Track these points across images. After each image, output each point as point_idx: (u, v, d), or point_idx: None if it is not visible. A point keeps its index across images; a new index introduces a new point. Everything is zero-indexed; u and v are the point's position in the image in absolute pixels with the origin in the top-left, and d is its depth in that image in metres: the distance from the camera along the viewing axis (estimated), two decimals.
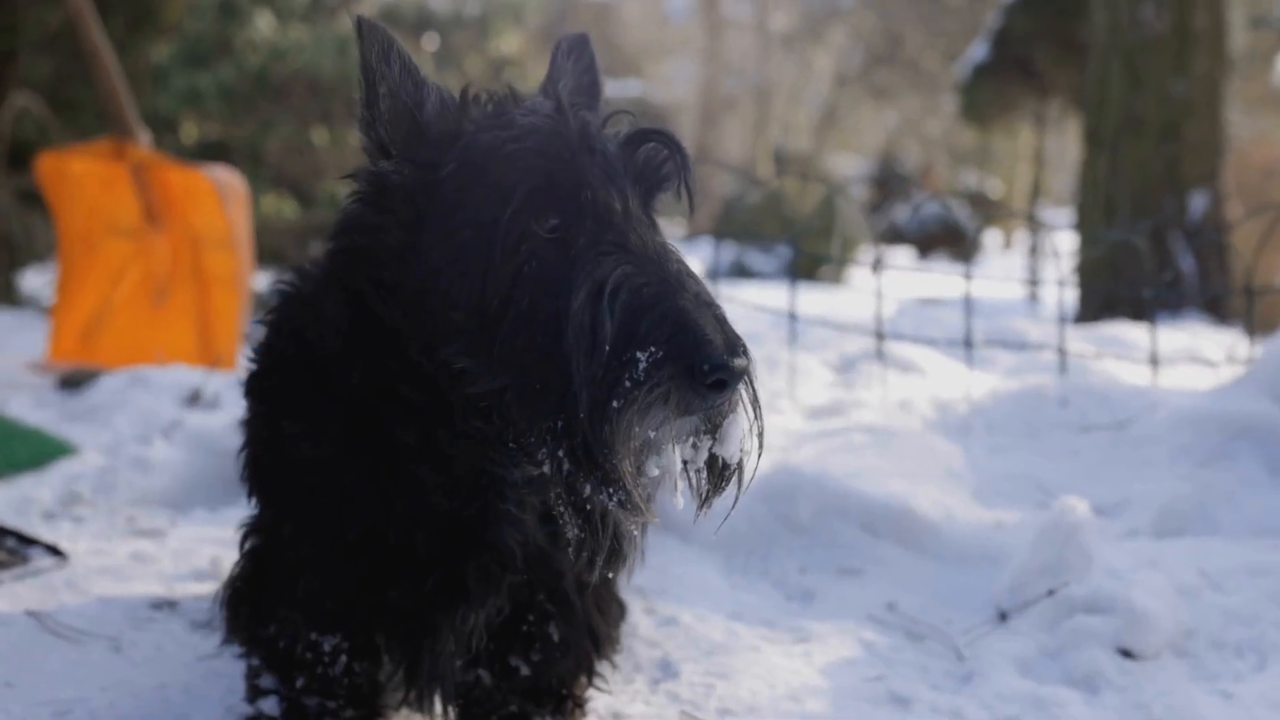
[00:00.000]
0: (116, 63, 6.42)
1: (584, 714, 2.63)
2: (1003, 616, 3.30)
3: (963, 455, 4.00)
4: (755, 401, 1.99)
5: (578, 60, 2.39)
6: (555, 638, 2.51)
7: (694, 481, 2.00)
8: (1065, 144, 26.91)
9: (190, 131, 14.11)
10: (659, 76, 34.02)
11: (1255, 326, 4.56)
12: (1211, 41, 9.61)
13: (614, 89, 24.63)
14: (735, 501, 2.07)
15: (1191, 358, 4.93)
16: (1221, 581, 3.36)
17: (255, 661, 2.54)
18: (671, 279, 1.93)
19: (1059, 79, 20.56)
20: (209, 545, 3.71)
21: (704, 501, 2.02)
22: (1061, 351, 4.64)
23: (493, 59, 15.40)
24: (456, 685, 2.45)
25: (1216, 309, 8.88)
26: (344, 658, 2.45)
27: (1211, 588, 3.32)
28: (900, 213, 26.00)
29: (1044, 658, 3.08)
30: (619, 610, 2.66)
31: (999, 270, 22.36)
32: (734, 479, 2.02)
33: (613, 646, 2.62)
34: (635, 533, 2.08)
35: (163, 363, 5.84)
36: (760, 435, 2.02)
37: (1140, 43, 9.52)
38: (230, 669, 2.83)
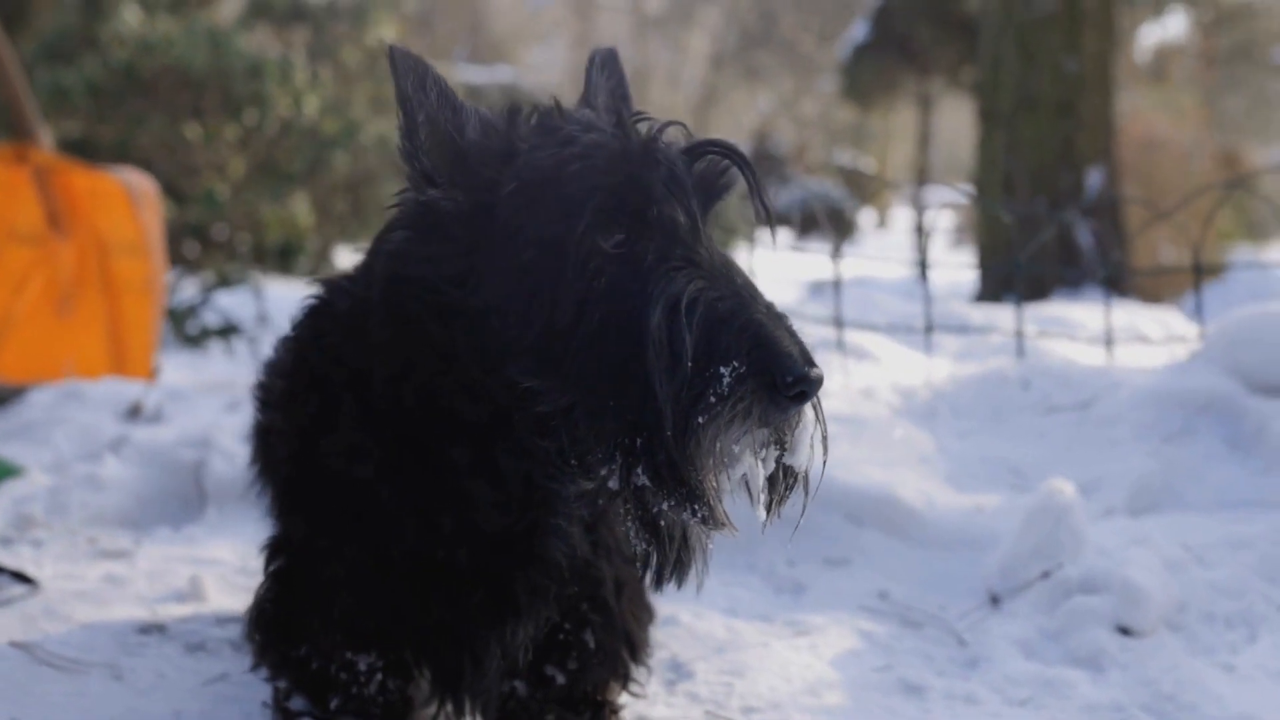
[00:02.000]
0: (17, 62, 6.20)
1: (619, 719, 2.61)
2: (995, 600, 3.34)
3: (933, 441, 4.04)
4: (819, 410, 1.99)
5: (610, 74, 2.38)
6: (591, 645, 2.51)
7: (765, 491, 2.00)
8: (942, 122, 27.41)
9: (53, 129, 13.74)
10: (531, 62, 33.96)
11: (1201, 306, 4.66)
12: (1100, 20, 9.83)
13: (483, 76, 24.46)
14: (804, 509, 2.07)
15: (1136, 336, 5.03)
16: (1205, 555, 3.43)
17: (283, 684, 2.48)
18: (743, 292, 1.95)
19: (939, 57, 20.98)
20: (182, 565, 3.61)
21: (773, 510, 2.03)
22: (1019, 334, 4.71)
23: (370, 49, 15.21)
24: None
25: (1116, 284, 9.08)
26: (379, 676, 2.40)
27: (1197, 562, 3.39)
28: (778, 194, 26.33)
29: (1045, 639, 3.13)
30: (649, 614, 2.66)
31: (877, 249, 22.64)
32: (802, 486, 2.03)
33: (647, 650, 2.62)
34: (709, 544, 2.07)
35: (73, 375, 5.67)
36: (825, 442, 2.03)
37: (1032, 22, 9.70)
38: (242, 694, 2.75)
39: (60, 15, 13.86)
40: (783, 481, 2.01)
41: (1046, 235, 7.20)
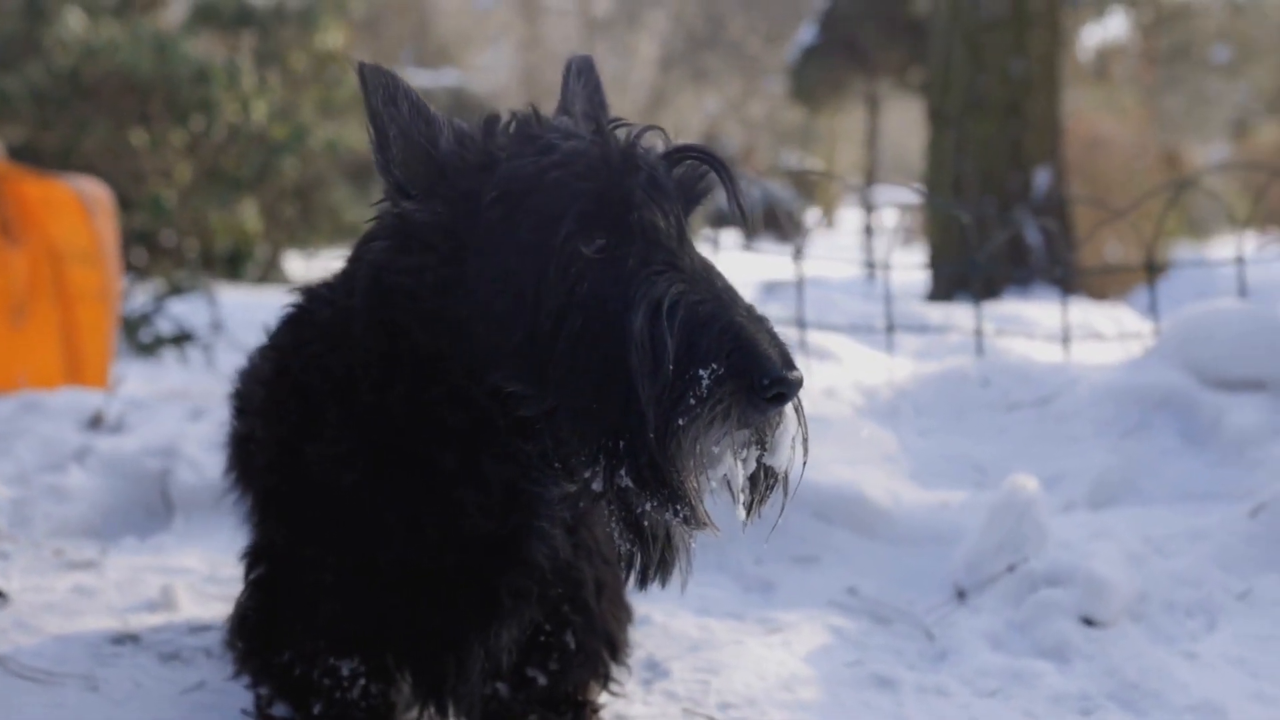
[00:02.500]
0: None
1: (599, 719, 2.63)
2: (961, 595, 3.39)
3: (896, 439, 4.09)
4: (800, 411, 2.02)
5: (586, 81, 2.40)
6: (572, 646, 2.54)
7: (746, 491, 2.03)
8: (888, 122, 27.57)
9: None
10: (477, 65, 33.88)
11: (1155, 303, 4.73)
12: (1047, 22, 9.96)
13: (430, 80, 24.40)
14: (782, 509, 2.09)
15: (1090, 333, 5.10)
16: (1165, 547, 3.51)
17: (265, 691, 2.49)
18: (723, 295, 1.97)
19: (887, 58, 21.10)
20: (152, 574, 3.60)
21: (753, 510, 2.05)
22: (979, 333, 4.77)
23: (317, 53, 15.14)
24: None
25: (1064, 282, 9.18)
26: (362, 680, 2.42)
27: (1157, 553, 3.46)
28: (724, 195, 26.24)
29: (1012, 631, 3.18)
30: (628, 614, 2.68)
31: (825, 249, 22.75)
32: (782, 487, 2.06)
33: (626, 650, 2.65)
34: (691, 544, 2.09)
35: (27, 386, 5.63)
36: (805, 443, 2.05)
37: (981, 24, 9.80)
38: (220, 701, 2.75)
39: (2, 21, 13.72)
40: (763, 481, 2.03)
41: (1004, 236, 7.30)
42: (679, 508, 1.92)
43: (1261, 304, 4.34)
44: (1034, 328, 5.52)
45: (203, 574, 3.62)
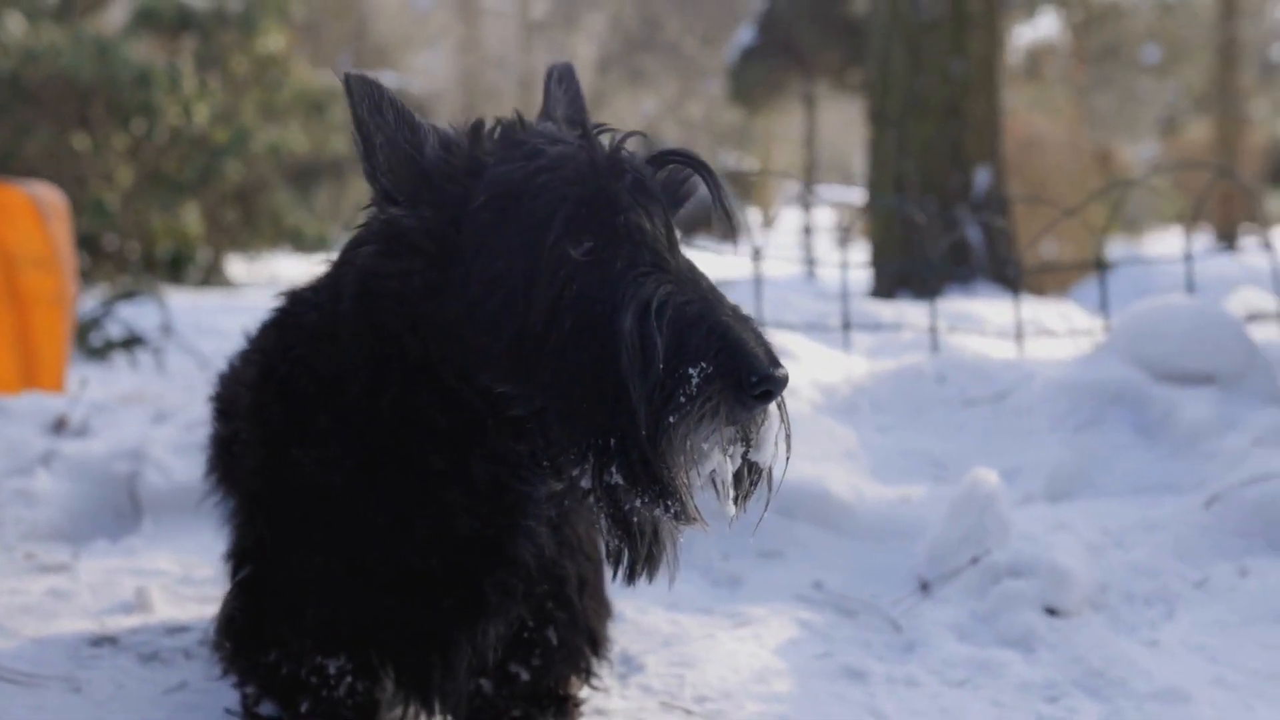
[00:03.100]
0: None
1: (580, 714, 2.68)
2: (925, 587, 3.46)
3: (856, 436, 4.15)
4: (783, 408, 2.07)
5: (567, 87, 2.45)
6: (554, 641, 2.57)
7: (732, 486, 2.08)
8: (824, 123, 27.72)
9: None
10: (416, 68, 33.76)
11: (1105, 299, 4.83)
12: (985, 23, 10.08)
13: None
14: (767, 504, 2.15)
15: (1040, 330, 5.20)
16: (1122, 538, 3.60)
17: (252, 690, 2.51)
18: (709, 295, 2.01)
19: (825, 59, 21.24)
20: (125, 577, 3.61)
21: (740, 505, 2.10)
22: (933, 330, 4.85)
23: (258, 57, 15.06)
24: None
25: (1004, 279, 9.30)
26: (349, 678, 2.44)
27: (1115, 545, 3.55)
28: None
29: (977, 622, 3.24)
30: (608, 610, 2.72)
31: (767, 248, 22.80)
32: (765, 482, 2.11)
33: (607, 645, 2.69)
34: (679, 539, 2.13)
35: None
36: (789, 439, 2.10)
37: (920, 25, 9.91)
38: (203, 701, 2.78)
39: None
40: (748, 477, 2.08)
41: (953, 235, 7.41)
42: (670, 503, 1.97)
43: (1209, 299, 4.44)
44: (984, 325, 5.61)
45: (176, 576, 3.64)
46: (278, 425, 2.36)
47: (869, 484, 3.90)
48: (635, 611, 3.31)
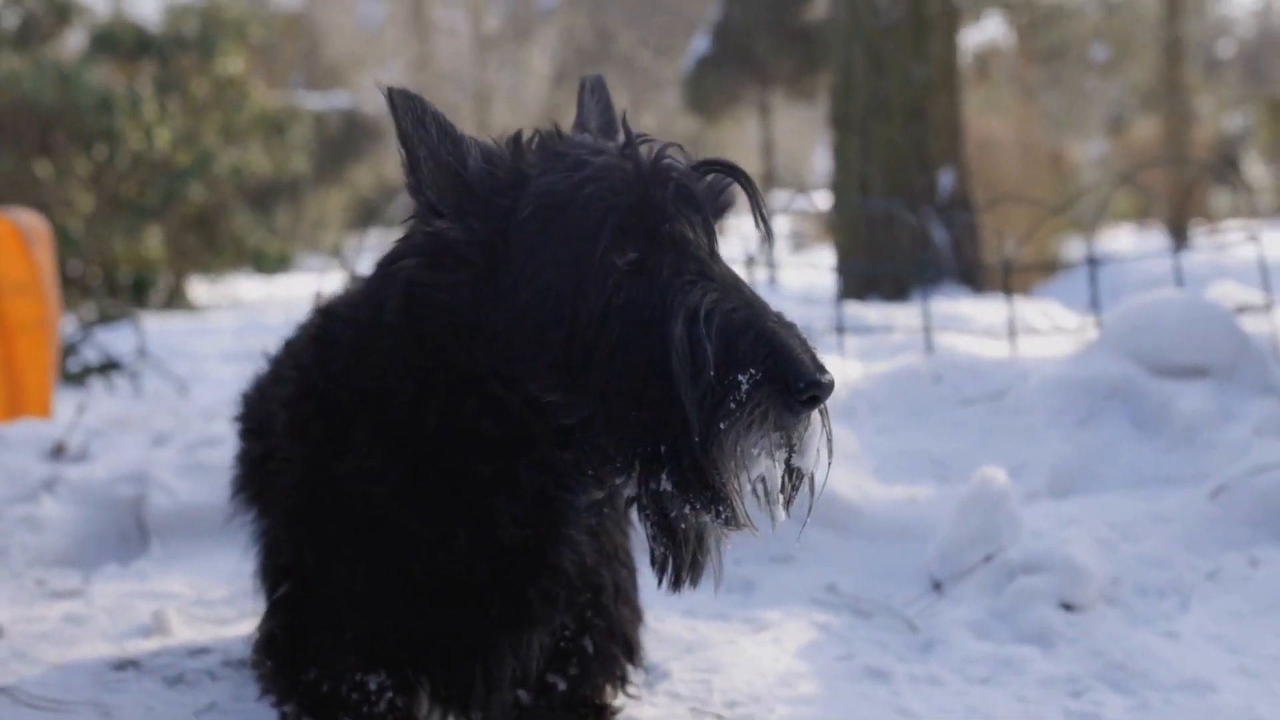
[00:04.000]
0: None
1: None
2: (937, 586, 3.48)
3: (856, 438, 4.17)
4: (825, 414, 2.09)
5: (599, 99, 2.48)
6: (590, 650, 2.58)
7: (777, 492, 2.10)
8: (780, 131, 27.84)
9: None
10: (369, 87, 33.49)
11: (1097, 296, 4.89)
12: (945, 26, 10.16)
13: (321, 102, 24.21)
14: (810, 509, 2.17)
15: (1026, 328, 5.25)
16: (1130, 531, 3.64)
17: (291, 708, 2.50)
18: (754, 303, 2.05)
19: (780, 67, 21.34)
20: (140, 600, 3.60)
21: (784, 509, 2.12)
22: (926, 330, 4.89)
23: (218, 79, 14.99)
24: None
25: (972, 280, 9.37)
26: (389, 694, 2.45)
27: (1124, 538, 3.59)
28: None
29: (994, 619, 3.26)
30: (640, 616, 2.74)
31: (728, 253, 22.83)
32: (810, 486, 2.13)
33: (641, 652, 2.70)
34: (724, 545, 2.16)
35: None
36: (830, 444, 2.12)
37: (880, 29, 9.97)
38: None
39: None
40: (790, 483, 2.10)
41: (951, 233, 7.46)
42: (721, 509, 2.00)
43: (1199, 293, 4.51)
44: (970, 324, 5.66)
45: (190, 598, 3.63)
46: (318, 440, 2.36)
47: (874, 485, 3.93)
48: (654, 619, 3.31)
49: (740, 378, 1.95)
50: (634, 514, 2.16)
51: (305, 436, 2.39)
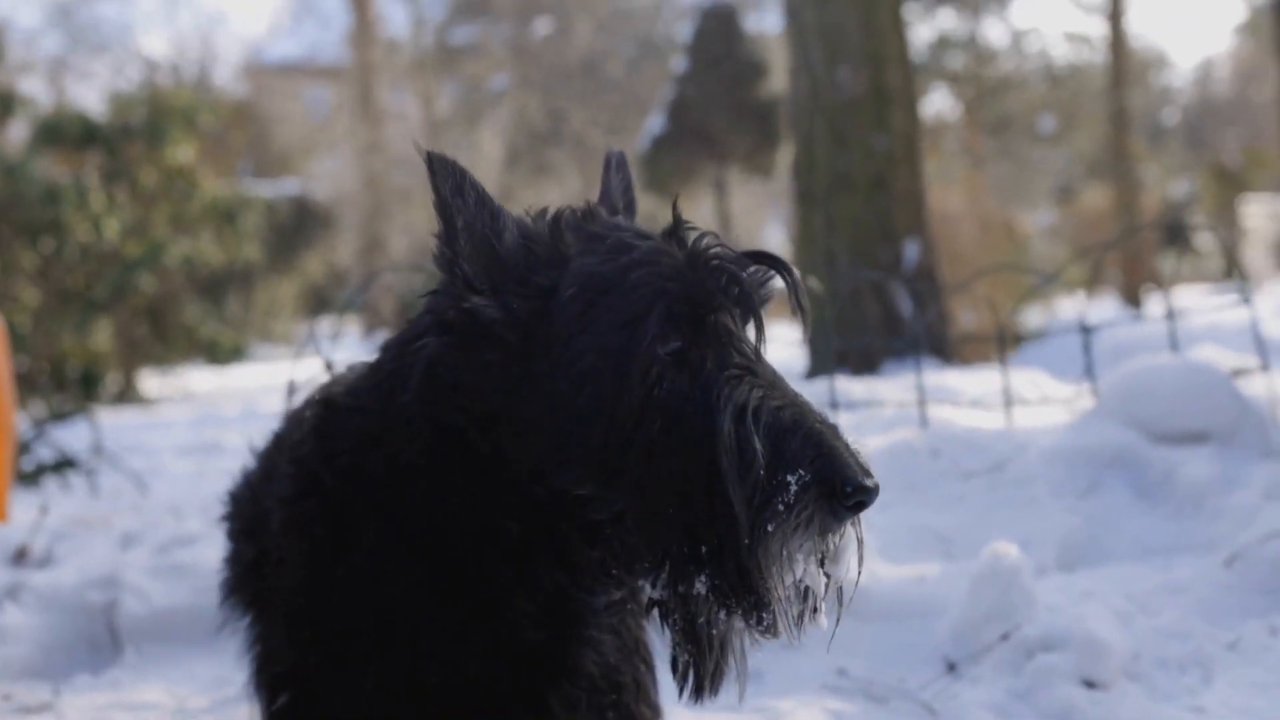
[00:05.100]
0: None
1: None
2: (952, 667, 3.38)
3: None
4: (858, 521, 2.01)
5: (622, 176, 2.40)
6: None
7: (816, 597, 2.01)
8: (734, 207, 28.02)
9: None
10: (318, 172, 33.66)
11: (1091, 364, 4.82)
12: (905, 99, 10.18)
13: (271, 190, 24.17)
14: (839, 617, 2.07)
15: (1017, 398, 5.17)
16: (1147, 604, 3.54)
17: None
18: (799, 400, 1.97)
19: (736, 144, 21.47)
20: (116, 712, 3.41)
21: (814, 618, 2.02)
22: (921, 404, 4.80)
23: (167, 168, 14.87)
24: None
25: (941, 351, 9.32)
26: None
27: (1141, 611, 3.49)
28: None
29: (1015, 700, 3.16)
30: (659, 713, 2.61)
31: None
32: (843, 594, 2.05)
33: None
34: (750, 651, 2.06)
35: None
36: (862, 550, 2.04)
37: (841, 103, 9.98)
38: None
39: None
40: (827, 588, 2.01)
41: (933, 309, 7.39)
42: (763, 615, 1.91)
43: (1196, 358, 4.45)
44: (959, 395, 5.58)
45: (170, 708, 3.45)
46: (322, 540, 2.23)
47: (880, 564, 3.82)
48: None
49: (789, 478, 1.87)
50: (654, 616, 2.05)
51: (307, 536, 2.26)
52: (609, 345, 1.96)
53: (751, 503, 1.87)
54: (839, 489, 1.86)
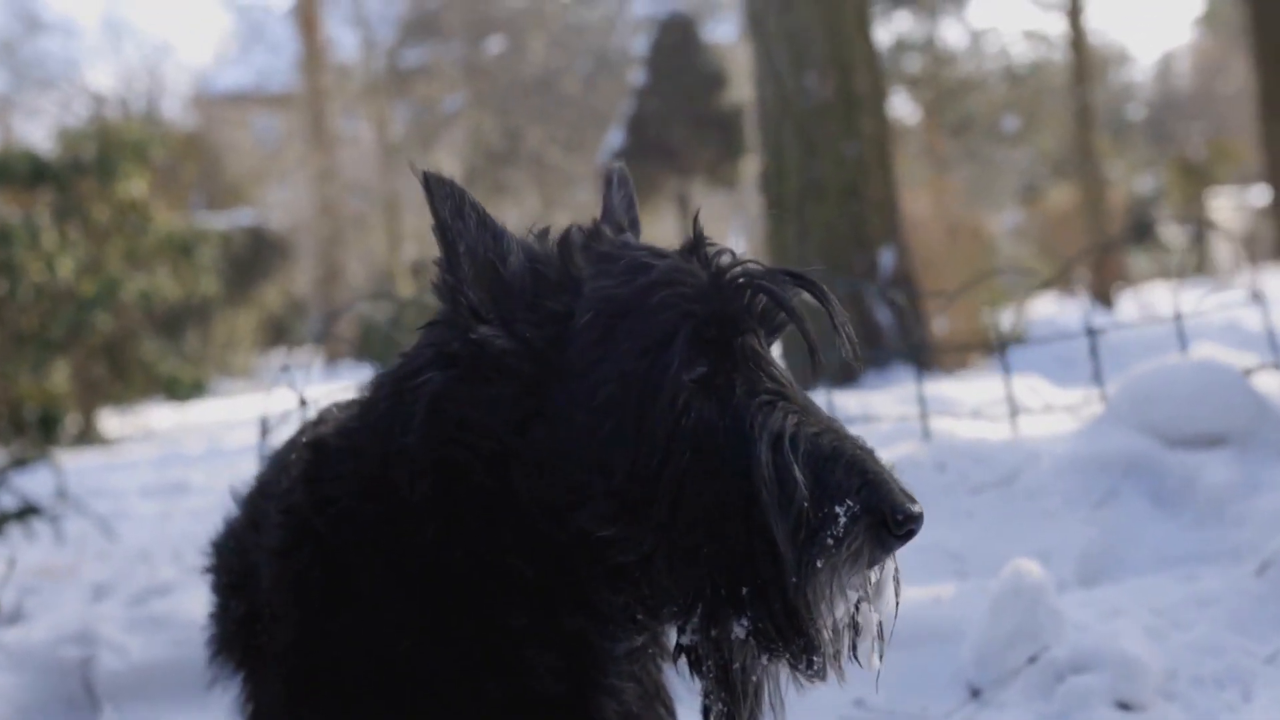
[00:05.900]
0: None
1: None
2: (976, 693, 3.23)
3: None
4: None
5: (624, 192, 2.26)
6: None
7: (852, 633, 1.89)
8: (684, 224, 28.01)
9: None
10: (271, 201, 33.37)
11: (1099, 370, 4.68)
12: (873, 104, 10.08)
13: (225, 221, 23.96)
14: (881, 655, 1.94)
15: (1017, 406, 5.02)
16: (1176, 617, 3.40)
17: None
18: (836, 426, 1.86)
19: (698, 156, 21.35)
20: None
21: (868, 658, 1.92)
22: (923, 417, 4.65)
23: (119, 203, 14.61)
24: None
25: (922, 360, 9.19)
26: None
27: (1172, 626, 3.35)
28: None
29: None
30: None
31: None
32: (884, 627, 1.93)
33: None
34: (784, 693, 1.94)
35: None
36: (899, 582, 1.93)
37: (810, 110, 9.85)
38: None
39: None
40: (866, 624, 1.89)
41: (925, 323, 7.21)
42: (813, 659, 1.80)
43: (1208, 357, 4.31)
44: (957, 406, 5.43)
45: None
46: (319, 592, 2.07)
47: None
48: None
49: (837, 509, 1.75)
50: (682, 664, 1.93)
51: (302, 589, 2.09)
52: (631, 373, 1.81)
53: (796, 537, 1.75)
54: (890, 519, 1.76)
